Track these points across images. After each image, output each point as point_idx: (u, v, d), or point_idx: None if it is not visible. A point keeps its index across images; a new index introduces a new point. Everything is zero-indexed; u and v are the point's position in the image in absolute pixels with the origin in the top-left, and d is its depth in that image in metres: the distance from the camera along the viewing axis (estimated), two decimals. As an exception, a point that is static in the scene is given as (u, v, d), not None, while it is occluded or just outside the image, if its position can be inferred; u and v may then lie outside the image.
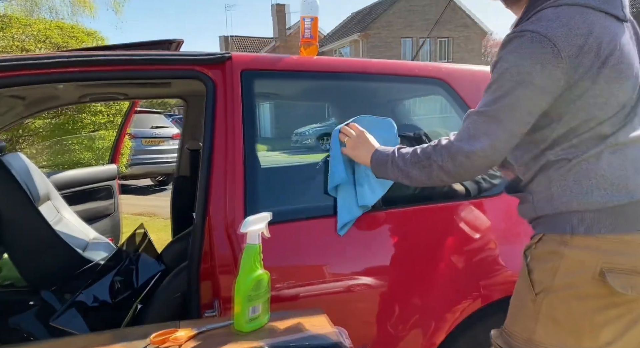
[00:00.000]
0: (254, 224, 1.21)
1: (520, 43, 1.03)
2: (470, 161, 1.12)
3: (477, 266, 1.66)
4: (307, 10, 1.79)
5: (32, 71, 1.45)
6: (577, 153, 1.06)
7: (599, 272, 1.02)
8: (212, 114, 1.55)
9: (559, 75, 1.01)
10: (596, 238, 1.04)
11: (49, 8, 12.11)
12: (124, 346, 1.13)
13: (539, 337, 1.10)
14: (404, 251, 1.63)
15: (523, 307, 1.16)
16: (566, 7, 1.03)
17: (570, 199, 1.06)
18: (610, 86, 1.03)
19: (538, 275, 1.12)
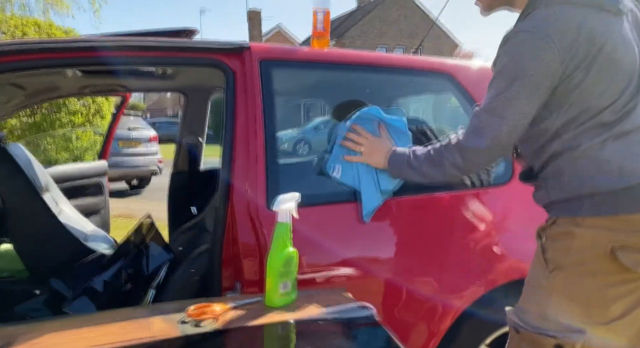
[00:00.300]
0: (285, 202, 1.26)
1: (516, 40, 1.14)
2: (479, 156, 1.24)
3: (482, 253, 1.74)
4: (319, 3, 1.84)
5: (57, 55, 1.46)
6: (581, 141, 1.13)
7: (610, 250, 1.09)
8: (232, 103, 1.58)
9: (555, 67, 1.10)
10: (607, 219, 1.10)
11: (20, 5, 11.80)
12: (162, 319, 1.16)
13: (553, 312, 1.16)
14: (412, 238, 1.69)
15: (537, 285, 1.23)
16: (558, 6, 1.12)
17: (580, 185, 1.13)
18: (605, 76, 1.10)
19: (552, 254, 1.19)
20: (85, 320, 1.16)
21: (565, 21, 1.09)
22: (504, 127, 1.17)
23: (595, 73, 1.10)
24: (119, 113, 3.57)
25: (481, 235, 1.73)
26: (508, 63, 1.15)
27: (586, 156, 1.13)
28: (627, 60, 1.12)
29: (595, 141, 1.12)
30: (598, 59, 1.09)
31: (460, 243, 1.72)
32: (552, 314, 1.16)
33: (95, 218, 3.37)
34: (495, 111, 1.18)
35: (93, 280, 1.81)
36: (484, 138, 1.20)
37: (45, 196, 2.34)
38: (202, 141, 3.10)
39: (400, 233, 1.68)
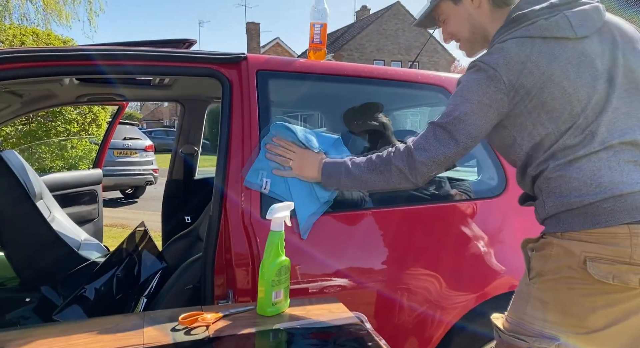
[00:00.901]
0: (279, 211, 1.26)
1: (472, 70, 1.24)
2: (427, 168, 1.31)
3: (474, 265, 1.75)
4: (316, 17, 1.87)
5: (56, 62, 1.47)
6: (549, 165, 1.19)
7: (583, 260, 1.12)
8: (229, 112, 1.60)
9: (501, 96, 1.19)
10: (580, 233, 1.14)
11: (20, 15, 11.86)
12: (154, 327, 1.16)
13: (528, 317, 1.20)
14: (403, 250, 1.70)
15: (519, 292, 1.28)
16: (509, 41, 1.20)
17: (555, 204, 1.18)
18: (558, 102, 1.16)
19: (534, 262, 1.24)
20: (76, 327, 1.15)
21: (513, 54, 1.17)
22: (452, 143, 1.26)
23: (547, 100, 1.17)
24: (114, 122, 3.58)
25: (472, 247, 1.74)
26: (462, 88, 1.25)
27: (555, 176, 1.18)
28: (582, 84, 1.16)
29: (562, 161, 1.17)
30: (547, 87, 1.16)
31: (451, 254, 1.72)
32: (527, 319, 1.20)
33: (89, 226, 3.36)
34: (445, 128, 1.27)
35: (84, 288, 1.80)
36: (433, 151, 1.28)
37: (38, 203, 2.34)
38: (197, 150, 3.12)
39: (391, 245, 1.69)
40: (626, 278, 1.08)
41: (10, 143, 6.97)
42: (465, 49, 1.44)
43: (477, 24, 1.35)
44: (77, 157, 7.48)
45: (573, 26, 1.17)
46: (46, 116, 7.09)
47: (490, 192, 1.83)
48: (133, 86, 2.40)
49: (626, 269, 1.08)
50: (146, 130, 23.08)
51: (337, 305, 1.35)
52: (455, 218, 1.78)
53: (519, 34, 1.19)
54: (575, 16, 1.18)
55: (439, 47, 28.54)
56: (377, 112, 1.87)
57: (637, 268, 1.07)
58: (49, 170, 6.94)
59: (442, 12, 1.40)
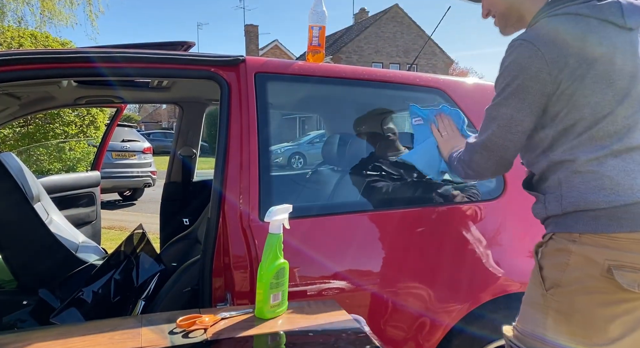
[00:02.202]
0: (278, 214, 1.26)
1: (513, 49, 1.17)
2: (478, 155, 1.28)
3: (472, 267, 1.75)
4: (315, 20, 1.88)
5: (55, 65, 1.47)
6: (578, 155, 1.12)
7: (607, 269, 1.07)
8: (227, 114, 1.60)
9: (544, 76, 1.12)
10: (603, 236, 1.09)
11: (17, 17, 11.86)
12: (152, 330, 1.15)
13: (550, 331, 1.15)
14: (401, 252, 1.69)
15: (534, 303, 1.21)
16: (557, 17, 1.15)
17: (577, 200, 1.12)
18: (600, 87, 1.10)
19: (548, 272, 1.17)
20: (74, 330, 1.15)
21: (557, 33, 1.12)
22: (495, 128, 1.22)
23: (589, 84, 1.11)
24: (113, 124, 3.58)
25: (471, 249, 1.74)
26: (504, 71, 1.20)
27: (585, 171, 1.12)
28: (625, 74, 1.12)
29: (593, 156, 1.12)
30: (592, 70, 1.10)
31: (450, 256, 1.72)
32: (550, 334, 1.15)
33: (87, 229, 3.35)
34: (490, 114, 1.24)
35: (82, 290, 1.79)
36: (480, 138, 1.27)
37: (36, 205, 2.33)
38: (196, 152, 3.12)
39: (389, 247, 1.68)
40: None
41: (8, 145, 6.96)
42: (499, 25, 1.36)
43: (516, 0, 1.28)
44: (75, 159, 7.47)
45: (624, 14, 1.13)
46: (44, 118, 7.08)
47: (489, 194, 1.82)
48: (131, 88, 2.40)
49: None
50: (144, 132, 23.05)
51: (335, 308, 1.35)
52: (453, 220, 1.77)
53: (570, 10, 1.14)
54: (628, 5, 1.15)
55: (437, 50, 28.60)
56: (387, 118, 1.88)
57: None
58: (46, 172, 6.93)
59: None
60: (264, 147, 1.61)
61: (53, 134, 7.09)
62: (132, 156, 8.98)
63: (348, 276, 1.60)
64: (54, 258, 2.11)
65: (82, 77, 1.66)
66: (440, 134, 1.65)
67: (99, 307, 1.79)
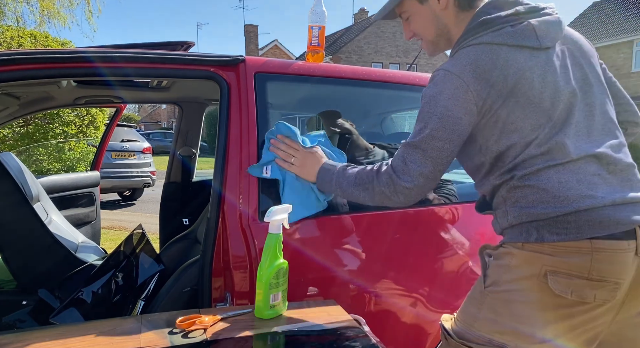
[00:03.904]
0: (278, 214, 1.26)
1: (437, 80, 1.20)
2: (408, 190, 1.27)
3: (469, 267, 1.75)
4: (314, 19, 1.88)
5: (54, 65, 1.47)
6: (515, 173, 1.17)
7: (544, 274, 1.11)
8: (226, 114, 1.60)
9: (470, 106, 1.16)
10: (544, 245, 1.12)
11: (15, 17, 11.86)
12: (151, 330, 1.15)
13: (479, 324, 1.19)
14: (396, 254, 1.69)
15: (472, 297, 1.26)
16: (474, 47, 1.18)
17: (520, 213, 1.17)
18: (522, 112, 1.14)
19: (491, 271, 1.22)
20: (73, 330, 1.15)
21: (480, 62, 1.15)
22: (427, 162, 1.22)
23: (513, 110, 1.15)
24: (112, 124, 3.58)
25: (468, 250, 1.74)
26: (429, 101, 1.21)
27: (522, 185, 1.16)
28: (545, 95, 1.15)
29: (529, 170, 1.15)
30: (513, 96, 1.14)
31: (446, 257, 1.72)
32: (478, 327, 1.19)
33: (86, 229, 3.36)
34: (419, 148, 1.23)
35: (82, 290, 1.79)
36: (410, 173, 1.24)
37: (35, 206, 2.33)
38: (195, 152, 3.12)
39: (387, 247, 1.68)
40: (583, 294, 1.07)
41: (8, 145, 6.96)
42: (427, 49, 1.40)
43: (442, 26, 1.32)
44: (75, 159, 7.47)
45: (538, 36, 1.17)
46: (44, 118, 7.08)
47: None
48: (131, 88, 2.40)
49: (584, 284, 1.07)
50: (144, 132, 23.04)
51: (335, 308, 1.35)
52: (453, 220, 1.78)
53: (485, 40, 1.17)
54: (540, 26, 1.18)
55: (436, 50, 28.60)
56: (335, 119, 1.86)
57: (595, 284, 1.06)
58: (46, 172, 6.93)
59: (406, 9, 1.36)
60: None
61: (52, 134, 7.09)
62: (132, 156, 8.99)
63: (347, 276, 1.60)
64: (53, 258, 2.11)
65: (81, 77, 1.65)
66: (290, 162, 1.54)
67: (98, 307, 1.79)
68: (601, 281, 1.06)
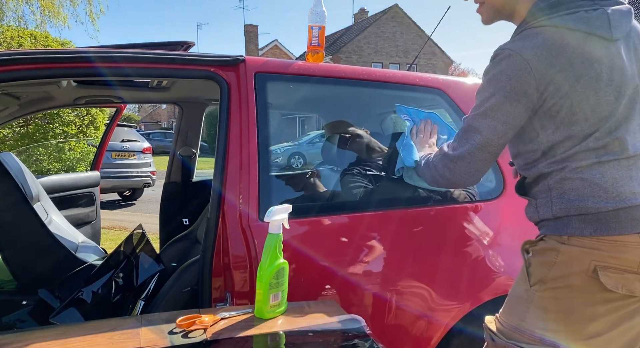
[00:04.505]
0: (278, 214, 1.26)
1: (500, 59, 1.16)
2: (456, 166, 1.26)
3: (471, 267, 1.75)
4: (314, 20, 1.88)
5: (54, 65, 1.47)
6: (568, 164, 1.15)
7: (593, 269, 1.10)
8: (226, 114, 1.60)
9: (531, 90, 1.12)
10: (591, 239, 1.12)
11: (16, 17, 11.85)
12: (151, 330, 1.15)
13: (527, 324, 1.18)
14: (401, 252, 1.69)
15: (517, 297, 1.25)
16: (544, 28, 1.14)
17: (567, 206, 1.15)
18: (586, 103, 1.11)
19: (535, 268, 1.20)
20: (73, 330, 1.15)
21: (547, 47, 1.10)
22: (479, 140, 1.21)
23: (576, 101, 1.11)
24: (112, 124, 3.58)
25: (470, 249, 1.74)
26: (489, 80, 1.18)
27: (574, 178, 1.14)
28: (611, 89, 1.12)
29: (583, 163, 1.13)
30: (578, 86, 1.11)
31: (449, 257, 1.72)
32: (528, 326, 1.18)
33: (86, 229, 3.35)
34: (473, 124, 1.22)
35: (82, 290, 1.79)
36: (460, 149, 1.25)
37: (35, 206, 2.33)
38: (195, 152, 3.11)
39: (388, 246, 1.68)
40: (633, 287, 1.08)
41: (8, 145, 6.96)
42: (486, 15, 1.32)
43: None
44: (75, 159, 7.46)
45: (611, 26, 1.13)
46: (44, 118, 7.07)
47: (488, 195, 1.83)
48: (131, 88, 2.40)
49: (633, 278, 1.08)
50: (144, 132, 23.02)
51: (335, 308, 1.35)
52: (453, 220, 1.77)
53: (556, 22, 1.12)
54: (614, 15, 1.13)
55: (436, 50, 28.60)
56: (346, 128, 1.88)
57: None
58: (46, 172, 6.92)
59: None
60: (264, 147, 1.61)
61: (52, 134, 7.08)
62: (132, 156, 8.97)
63: (347, 276, 1.60)
64: (53, 258, 2.11)
65: (81, 77, 1.66)
66: (416, 135, 1.67)
67: (98, 307, 1.79)
68: None
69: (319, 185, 1.85)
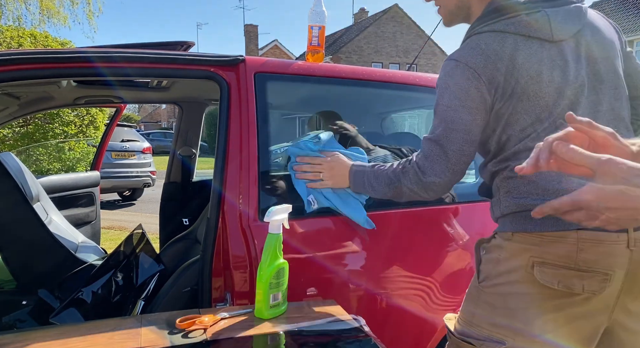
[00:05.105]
0: (278, 214, 1.26)
1: (448, 70, 1.20)
2: (436, 185, 1.28)
3: (469, 268, 1.75)
4: (314, 19, 1.87)
5: (54, 65, 1.47)
6: (510, 163, 1.19)
7: (531, 265, 1.12)
8: (226, 114, 1.60)
9: (484, 96, 1.16)
10: (533, 235, 1.13)
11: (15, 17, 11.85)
12: (151, 330, 1.15)
13: (476, 320, 1.21)
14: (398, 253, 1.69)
15: (469, 294, 1.28)
16: (486, 34, 1.17)
17: (511, 203, 1.18)
18: (527, 104, 1.14)
19: (483, 265, 1.24)
20: (73, 330, 1.15)
21: (491, 51, 1.14)
22: (451, 155, 1.23)
23: (517, 103, 1.15)
24: (112, 124, 3.58)
25: (469, 250, 1.74)
26: (441, 94, 1.21)
27: (514, 176, 1.17)
28: (551, 90, 1.14)
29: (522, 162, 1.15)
30: (518, 89, 1.14)
31: (448, 257, 1.72)
32: (476, 322, 1.20)
33: (86, 229, 3.35)
34: (438, 143, 1.23)
35: (82, 290, 1.79)
36: (434, 169, 1.25)
37: (35, 206, 2.33)
38: (195, 152, 3.12)
39: (387, 247, 1.68)
40: (570, 284, 1.07)
41: (8, 145, 6.96)
42: (444, 18, 1.37)
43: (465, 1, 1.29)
44: (75, 159, 7.47)
45: (552, 28, 1.15)
46: (44, 118, 7.08)
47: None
48: (131, 88, 2.40)
49: (571, 274, 1.07)
50: (144, 132, 23.04)
51: (335, 308, 1.34)
52: (453, 220, 1.78)
53: (498, 28, 1.16)
54: (557, 16, 1.16)
55: (436, 50, 28.62)
56: (334, 118, 1.86)
57: (582, 274, 1.06)
58: (46, 172, 6.93)
59: None
60: (264, 147, 1.61)
61: (52, 134, 7.09)
62: (132, 156, 8.98)
63: (347, 276, 1.60)
64: (53, 258, 2.11)
65: (81, 77, 1.66)
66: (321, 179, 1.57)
67: (98, 307, 1.79)
68: (589, 272, 1.06)
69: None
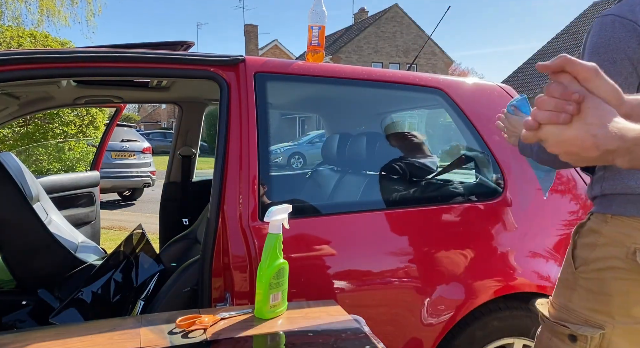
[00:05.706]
0: (278, 214, 1.26)
1: (601, 22, 1.13)
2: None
3: (471, 268, 1.75)
4: (314, 19, 1.88)
5: (54, 64, 1.47)
6: None
7: (632, 251, 1.09)
8: (226, 114, 1.60)
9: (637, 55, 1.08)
10: (633, 219, 1.10)
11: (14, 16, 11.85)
12: (151, 330, 1.15)
13: (574, 305, 1.18)
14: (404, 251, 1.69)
15: (564, 279, 1.24)
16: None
17: (615, 183, 1.14)
18: None
19: (579, 250, 1.21)
20: (73, 330, 1.15)
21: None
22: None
23: None
24: (112, 124, 3.57)
25: (470, 249, 1.74)
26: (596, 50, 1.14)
27: None
28: None
29: None
30: None
31: (449, 257, 1.72)
32: (573, 307, 1.18)
33: (86, 229, 3.35)
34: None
35: (81, 290, 1.79)
36: None
37: (35, 205, 2.33)
38: (195, 152, 3.12)
39: (390, 246, 1.68)
40: None
41: (8, 145, 6.96)
42: None
43: None
44: (75, 159, 7.47)
45: None
46: (43, 118, 7.08)
47: (488, 195, 1.82)
48: (131, 88, 2.40)
49: None
50: (144, 132, 23.04)
51: (335, 308, 1.35)
52: (455, 220, 1.77)
53: None
54: None
55: (436, 50, 28.61)
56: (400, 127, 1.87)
57: None
58: (46, 172, 6.92)
59: None
60: (264, 147, 1.61)
61: (52, 134, 7.08)
62: (132, 156, 8.97)
63: (348, 275, 1.60)
64: (53, 258, 2.10)
65: (81, 77, 1.65)
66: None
67: (98, 307, 1.79)
68: None
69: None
